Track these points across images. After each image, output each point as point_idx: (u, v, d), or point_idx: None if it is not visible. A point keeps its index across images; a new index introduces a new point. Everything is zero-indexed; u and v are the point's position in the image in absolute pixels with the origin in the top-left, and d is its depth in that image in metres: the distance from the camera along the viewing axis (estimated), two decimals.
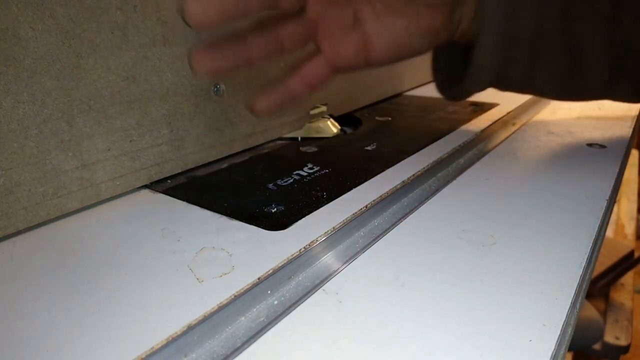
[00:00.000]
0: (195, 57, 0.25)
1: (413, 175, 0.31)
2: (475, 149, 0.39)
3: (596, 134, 0.41)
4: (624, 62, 0.34)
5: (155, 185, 0.31)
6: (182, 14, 0.23)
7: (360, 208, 0.26)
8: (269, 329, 0.18)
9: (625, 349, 0.88)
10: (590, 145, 0.38)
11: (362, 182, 0.30)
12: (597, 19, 0.34)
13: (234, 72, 0.27)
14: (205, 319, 0.18)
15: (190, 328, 0.17)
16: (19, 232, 0.25)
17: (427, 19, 0.32)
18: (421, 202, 0.28)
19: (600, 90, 0.37)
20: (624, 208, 1.39)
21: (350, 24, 0.30)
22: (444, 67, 0.41)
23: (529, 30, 0.34)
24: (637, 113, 0.48)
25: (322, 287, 0.20)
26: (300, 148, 0.38)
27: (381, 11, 0.30)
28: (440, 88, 0.41)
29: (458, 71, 0.37)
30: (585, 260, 0.22)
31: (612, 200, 0.30)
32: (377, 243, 0.24)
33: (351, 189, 0.29)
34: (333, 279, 0.21)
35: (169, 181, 0.32)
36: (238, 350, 0.17)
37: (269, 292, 0.20)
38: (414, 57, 0.34)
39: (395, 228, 0.25)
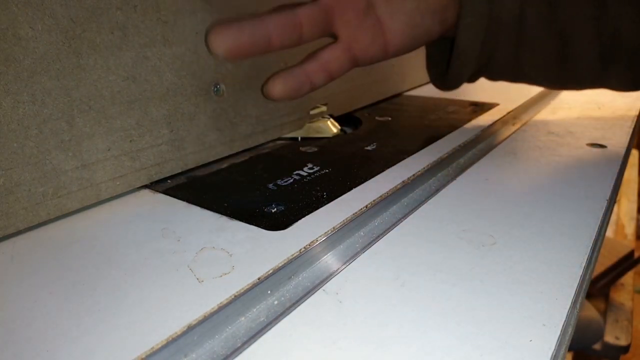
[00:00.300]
0: (213, 34, 0.25)
1: (413, 175, 0.31)
2: (475, 149, 0.39)
3: (596, 134, 0.41)
4: (614, 50, 0.34)
5: (155, 185, 0.31)
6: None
7: (360, 208, 0.26)
8: (269, 329, 0.18)
9: (625, 349, 0.88)
10: (590, 145, 0.38)
11: (362, 182, 0.30)
12: (584, 6, 0.34)
13: (252, 54, 0.26)
14: (205, 319, 0.18)
15: (190, 328, 0.17)
16: (19, 232, 0.25)
17: None
18: (421, 202, 0.28)
19: (592, 78, 0.37)
20: (624, 208, 1.39)
21: (364, 10, 0.30)
22: (438, 61, 0.41)
23: (512, 14, 0.34)
24: (637, 113, 0.48)
25: (322, 287, 0.20)
26: (300, 148, 0.38)
27: None
28: (433, 80, 0.42)
29: (449, 63, 0.38)
30: (585, 260, 0.22)
31: (612, 200, 0.30)
32: (377, 243, 0.24)
33: (351, 189, 0.29)
34: (333, 279, 0.21)
35: (169, 181, 0.32)
36: (238, 350, 0.17)
37: (269, 292, 0.20)
38: (430, 40, 0.34)
39: (395, 228, 0.25)
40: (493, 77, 0.40)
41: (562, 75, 0.37)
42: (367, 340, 0.17)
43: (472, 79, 0.41)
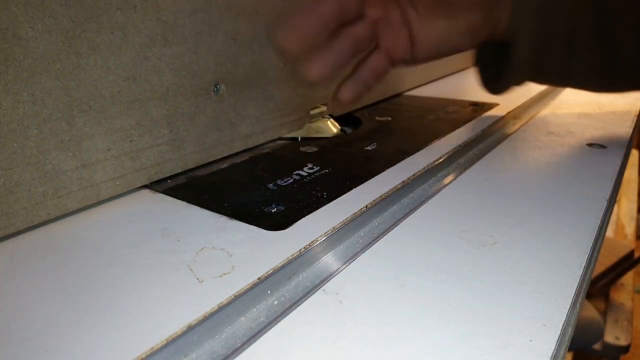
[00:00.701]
0: (307, 69, 0.30)
1: (413, 175, 0.31)
2: (475, 149, 0.39)
3: (596, 134, 0.41)
4: None
5: (155, 185, 0.31)
6: (273, 46, 0.29)
7: (360, 208, 0.26)
8: (269, 329, 0.18)
9: (625, 349, 0.88)
10: (590, 145, 0.38)
11: (362, 182, 0.30)
12: (629, 12, 0.35)
13: (335, 75, 0.32)
14: (205, 319, 0.18)
15: (190, 328, 0.17)
16: (19, 232, 0.25)
17: (466, 19, 0.35)
18: (421, 202, 0.28)
19: (635, 82, 0.39)
20: (624, 208, 1.39)
21: (400, 24, 0.35)
22: (487, 64, 0.44)
23: (562, 27, 0.36)
24: (637, 113, 0.48)
25: (322, 287, 0.20)
26: (300, 148, 0.38)
27: (423, 14, 0.35)
28: (483, 83, 0.45)
29: (499, 67, 0.40)
30: (585, 260, 0.22)
31: (612, 200, 0.30)
32: (377, 243, 0.24)
33: (351, 189, 0.29)
34: (333, 279, 0.21)
35: (169, 181, 0.32)
36: (238, 350, 0.17)
37: (269, 292, 0.20)
38: (457, 52, 0.38)
39: (395, 228, 0.25)
40: (540, 82, 0.42)
41: (608, 80, 0.39)
42: (367, 340, 0.17)
43: (520, 84, 0.43)
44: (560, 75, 0.39)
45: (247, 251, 0.23)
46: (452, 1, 0.35)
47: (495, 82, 0.41)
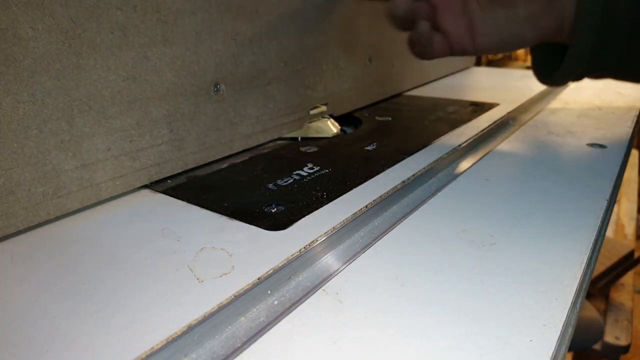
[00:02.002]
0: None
1: (413, 175, 0.31)
2: (476, 149, 0.39)
3: (596, 134, 0.41)
4: None
5: (155, 185, 0.31)
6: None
7: (360, 208, 0.26)
8: (269, 329, 0.18)
9: (625, 349, 0.88)
10: (590, 145, 0.38)
11: (362, 182, 0.30)
12: None
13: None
14: (205, 319, 0.18)
15: (190, 328, 0.17)
16: (19, 232, 0.25)
17: (525, 6, 0.37)
18: (421, 202, 0.28)
19: None
20: (624, 208, 1.39)
21: (460, 12, 0.39)
22: (542, 57, 0.45)
23: (624, 21, 0.36)
24: (637, 113, 0.48)
25: (322, 287, 0.20)
26: (300, 148, 0.38)
27: (484, 4, 0.38)
28: (539, 77, 0.45)
29: (555, 59, 0.41)
30: (585, 260, 0.22)
31: (612, 200, 0.30)
32: (377, 243, 0.24)
33: (351, 189, 0.29)
34: (333, 279, 0.21)
35: (169, 181, 0.32)
36: (238, 350, 0.17)
37: (269, 292, 0.20)
38: (521, 48, 0.40)
39: (395, 228, 0.25)
40: (596, 77, 0.43)
41: None
42: (367, 340, 0.17)
43: (578, 79, 0.44)
44: (618, 68, 0.40)
45: (247, 251, 0.23)
46: None
47: (551, 73, 0.42)
